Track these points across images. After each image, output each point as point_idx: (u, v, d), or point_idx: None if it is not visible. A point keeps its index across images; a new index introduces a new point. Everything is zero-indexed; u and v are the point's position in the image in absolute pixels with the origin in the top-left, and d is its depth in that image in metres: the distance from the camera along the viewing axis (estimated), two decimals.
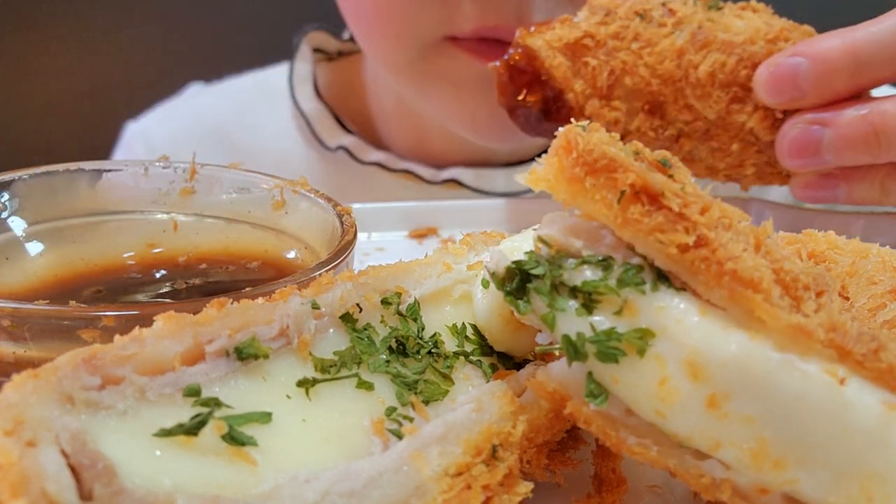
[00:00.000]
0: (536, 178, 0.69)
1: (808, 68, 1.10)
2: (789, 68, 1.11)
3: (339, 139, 1.94)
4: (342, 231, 0.98)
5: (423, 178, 1.89)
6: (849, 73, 1.08)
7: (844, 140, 1.09)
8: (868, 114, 1.08)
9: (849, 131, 1.09)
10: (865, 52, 1.07)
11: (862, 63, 1.07)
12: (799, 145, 1.13)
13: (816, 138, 1.11)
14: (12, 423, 0.53)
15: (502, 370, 0.81)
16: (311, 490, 0.61)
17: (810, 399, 0.61)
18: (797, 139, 1.13)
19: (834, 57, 1.08)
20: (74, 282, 1.00)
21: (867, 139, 1.08)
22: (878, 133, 1.07)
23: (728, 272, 0.63)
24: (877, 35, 1.07)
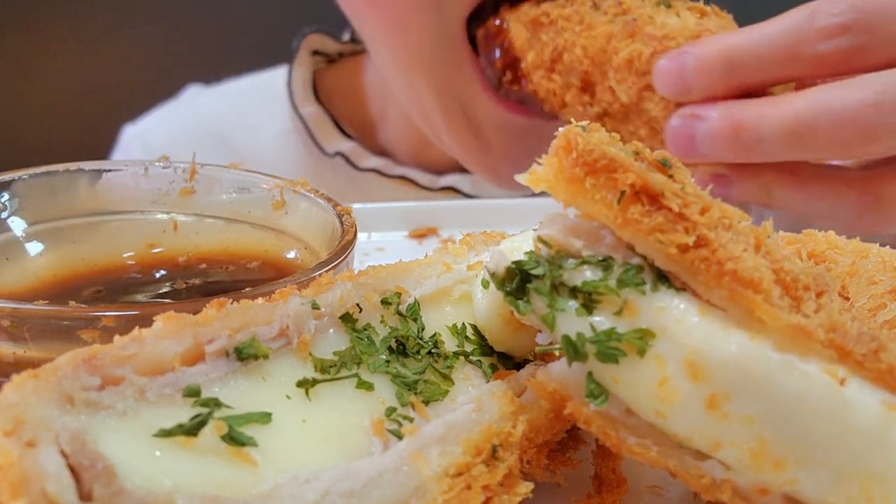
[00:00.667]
0: (536, 178, 0.69)
1: (691, 64, 1.14)
2: (677, 63, 1.15)
3: (338, 145, 1.93)
4: (342, 231, 0.98)
5: (420, 185, 1.89)
6: (723, 73, 1.12)
7: (711, 135, 1.12)
8: (731, 112, 1.11)
9: (714, 126, 1.12)
10: (738, 54, 1.11)
11: (736, 64, 1.11)
12: (676, 136, 1.16)
13: (691, 131, 1.14)
14: (12, 423, 0.53)
15: (502, 370, 0.81)
16: (311, 490, 0.61)
17: (810, 399, 0.61)
18: (674, 129, 1.16)
19: (711, 56, 1.13)
20: (74, 282, 1.00)
21: (728, 137, 1.11)
22: (738, 131, 1.10)
23: (728, 272, 0.63)
24: (749, 40, 1.11)
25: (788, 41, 1.08)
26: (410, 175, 1.89)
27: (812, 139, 1.05)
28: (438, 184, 1.88)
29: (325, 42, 2.05)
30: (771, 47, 1.09)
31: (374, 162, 1.92)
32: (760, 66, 1.10)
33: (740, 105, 1.12)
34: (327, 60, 2.07)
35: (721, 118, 1.12)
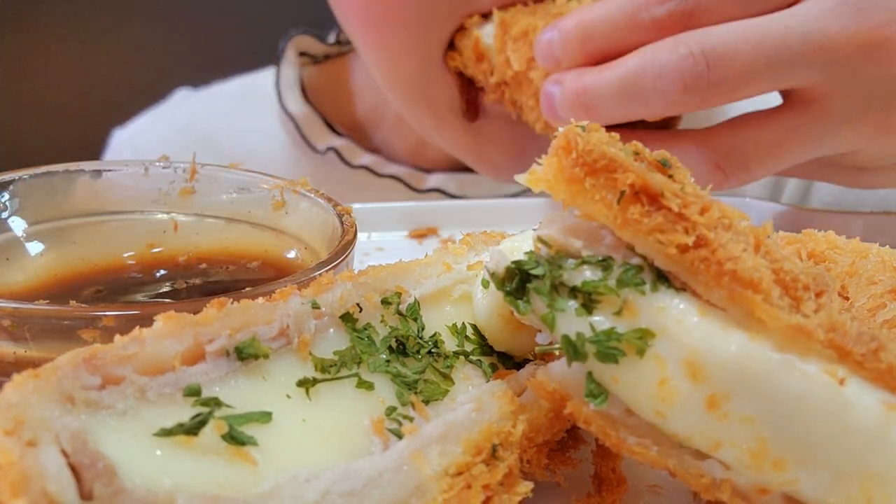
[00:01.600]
0: (536, 178, 0.69)
1: (556, 37, 1.23)
2: (548, 36, 1.24)
3: (329, 141, 1.94)
4: (342, 231, 0.98)
5: (409, 185, 1.89)
6: (579, 43, 1.21)
7: (564, 98, 1.21)
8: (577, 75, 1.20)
9: (565, 90, 1.21)
10: (589, 24, 1.20)
11: (587, 34, 1.20)
12: (544, 101, 1.25)
13: (553, 94, 1.23)
14: (12, 423, 0.53)
15: (502, 370, 0.81)
16: (311, 490, 0.61)
17: (810, 399, 0.61)
18: (543, 95, 1.25)
19: (569, 27, 1.22)
20: (74, 282, 1.00)
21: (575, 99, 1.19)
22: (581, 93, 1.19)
23: (728, 272, 0.63)
24: (599, 12, 1.20)
25: (628, 10, 1.17)
26: (399, 174, 1.90)
27: (640, 93, 1.13)
28: (426, 184, 1.89)
29: (311, 44, 2.05)
30: (615, 16, 1.18)
31: (366, 159, 1.92)
32: (608, 34, 1.19)
33: (586, 69, 1.21)
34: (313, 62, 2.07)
35: (570, 81, 1.21)
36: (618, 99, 1.17)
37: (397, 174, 1.90)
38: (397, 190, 1.90)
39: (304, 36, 2.03)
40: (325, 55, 2.08)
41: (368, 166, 1.91)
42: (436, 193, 1.89)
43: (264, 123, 2.03)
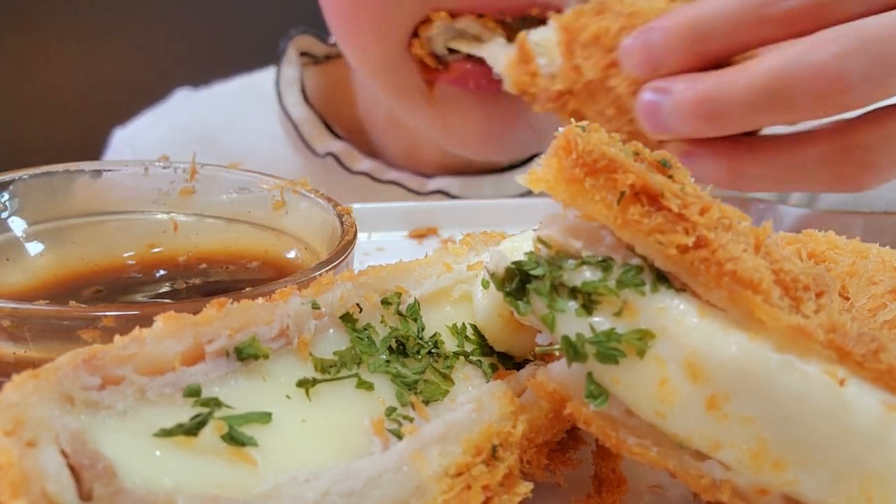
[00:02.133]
0: (536, 178, 0.69)
1: (657, 38, 1.12)
2: (643, 38, 1.14)
3: (328, 145, 1.93)
4: (342, 231, 0.98)
5: (410, 189, 1.89)
6: (691, 43, 1.10)
7: (675, 108, 1.10)
8: (696, 82, 1.09)
9: (678, 99, 1.10)
10: (704, 22, 1.09)
11: (702, 33, 1.09)
12: (644, 111, 1.14)
13: (657, 104, 1.12)
14: (12, 423, 0.53)
15: (502, 370, 0.81)
16: (311, 490, 0.61)
17: (810, 400, 0.61)
18: (643, 105, 1.15)
19: (677, 27, 1.11)
20: (74, 282, 1.00)
21: (692, 109, 1.09)
22: (704, 101, 1.07)
23: (728, 273, 0.63)
24: (715, 6, 1.09)
25: (753, 3, 1.06)
26: (400, 180, 1.90)
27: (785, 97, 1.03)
28: (427, 187, 1.89)
29: (312, 43, 2.05)
30: (736, 12, 1.07)
31: (366, 165, 1.92)
32: (728, 31, 1.08)
33: (705, 74, 1.10)
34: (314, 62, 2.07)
35: (686, 89, 1.10)
36: (754, 105, 1.05)
37: (398, 180, 1.90)
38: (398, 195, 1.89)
39: (305, 36, 2.03)
40: (325, 55, 2.08)
41: (368, 172, 1.91)
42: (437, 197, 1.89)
43: (265, 124, 2.03)
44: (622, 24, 1.19)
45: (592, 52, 1.21)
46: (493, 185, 1.88)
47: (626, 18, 1.19)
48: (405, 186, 1.90)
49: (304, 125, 1.95)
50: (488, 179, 1.89)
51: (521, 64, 1.30)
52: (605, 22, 1.21)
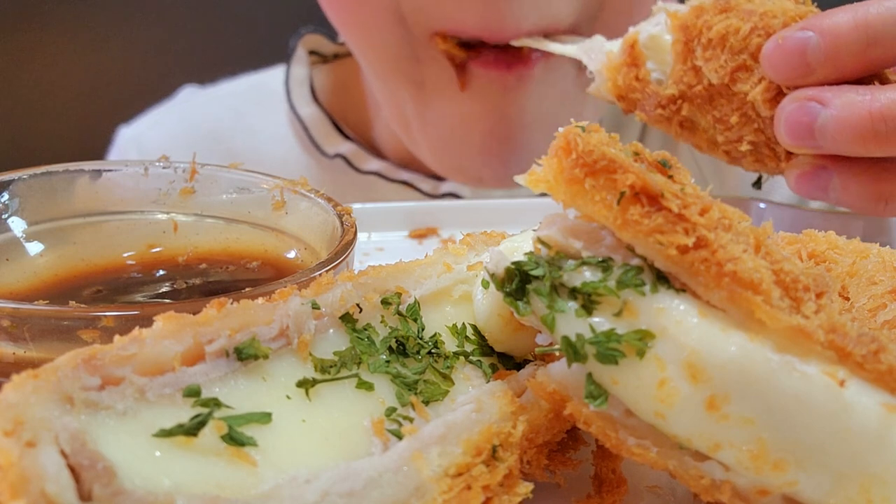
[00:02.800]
0: (536, 179, 0.69)
1: (818, 42, 1.03)
2: (798, 41, 1.05)
3: (337, 146, 1.93)
4: (342, 231, 0.98)
5: (421, 191, 1.89)
6: (859, 49, 1.02)
7: (839, 123, 1.01)
8: (870, 99, 1.00)
9: (845, 114, 1.01)
10: (877, 26, 1.01)
11: (873, 38, 1.01)
12: (794, 121, 1.05)
13: (812, 116, 1.04)
14: (12, 423, 0.53)
15: (502, 370, 0.81)
16: (310, 490, 0.61)
17: (810, 401, 0.60)
18: (793, 114, 1.06)
19: (844, 31, 1.02)
20: (74, 282, 1.00)
21: (863, 127, 1.00)
22: (876, 122, 0.99)
23: (728, 273, 0.63)
24: (890, 9, 1.00)
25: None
26: (412, 181, 1.89)
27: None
28: (440, 189, 1.88)
29: (321, 42, 2.05)
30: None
31: (375, 165, 1.91)
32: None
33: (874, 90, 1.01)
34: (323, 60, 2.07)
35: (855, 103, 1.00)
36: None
37: (409, 180, 1.90)
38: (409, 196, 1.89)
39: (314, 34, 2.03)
40: (334, 54, 2.07)
41: (378, 172, 1.91)
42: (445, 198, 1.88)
43: (273, 123, 2.02)
44: (754, 24, 1.10)
45: (718, 54, 1.12)
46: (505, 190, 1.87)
47: (759, 18, 1.10)
48: (417, 188, 1.89)
49: (314, 125, 1.95)
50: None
51: (629, 67, 1.20)
52: (732, 21, 1.11)
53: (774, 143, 1.14)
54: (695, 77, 1.15)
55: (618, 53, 1.21)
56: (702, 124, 1.19)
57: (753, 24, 1.10)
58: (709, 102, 1.16)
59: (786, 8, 1.12)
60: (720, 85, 1.13)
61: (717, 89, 1.14)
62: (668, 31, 1.17)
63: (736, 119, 1.14)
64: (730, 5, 1.13)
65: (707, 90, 1.15)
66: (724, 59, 1.12)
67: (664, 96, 1.18)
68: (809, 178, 1.10)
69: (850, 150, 1.04)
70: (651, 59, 1.19)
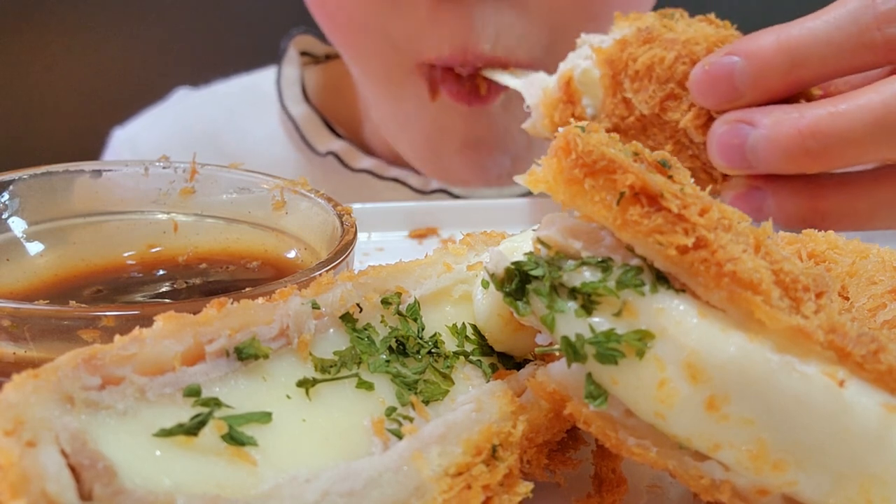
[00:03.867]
0: (535, 179, 0.69)
1: (743, 66, 1.05)
2: (724, 66, 1.07)
3: (329, 144, 1.94)
4: (342, 231, 0.98)
5: (412, 188, 1.90)
6: (785, 70, 1.04)
7: (769, 142, 1.03)
8: (797, 116, 1.02)
9: (774, 133, 1.02)
10: (801, 47, 1.03)
11: (798, 59, 1.03)
12: (725, 144, 1.07)
13: (742, 137, 1.05)
14: (12, 423, 0.53)
15: (502, 370, 0.81)
16: (311, 490, 0.61)
17: (809, 401, 0.61)
18: (724, 136, 1.07)
19: (769, 54, 1.04)
20: (74, 282, 1.00)
21: (793, 144, 1.01)
22: (805, 138, 1.01)
23: (727, 274, 0.63)
24: (812, 30, 1.03)
25: (853, 29, 1.00)
26: (402, 177, 1.90)
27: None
28: (430, 186, 1.89)
29: (312, 43, 2.05)
30: (836, 37, 1.01)
31: (367, 163, 1.92)
32: (826, 58, 1.02)
33: (802, 108, 1.03)
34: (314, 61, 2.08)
35: (783, 122, 1.02)
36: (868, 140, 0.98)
37: (400, 177, 1.90)
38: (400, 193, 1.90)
39: (305, 35, 2.04)
40: (326, 55, 2.08)
41: (370, 170, 1.92)
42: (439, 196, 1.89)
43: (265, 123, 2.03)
44: (678, 52, 1.12)
45: (645, 85, 1.14)
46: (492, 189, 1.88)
47: (682, 46, 1.12)
48: (407, 184, 1.90)
49: (305, 124, 1.96)
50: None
51: (565, 104, 1.21)
52: (656, 51, 1.13)
53: (710, 167, 1.16)
54: (626, 109, 1.16)
55: (554, 89, 1.22)
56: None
57: (677, 53, 1.12)
58: (642, 133, 1.18)
59: (707, 34, 1.14)
60: (651, 115, 1.15)
61: (648, 119, 1.16)
62: (594, 65, 1.18)
63: (670, 147, 1.16)
64: (652, 36, 1.15)
65: (639, 121, 1.16)
66: (652, 90, 1.13)
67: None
68: (744, 198, 1.12)
69: (783, 168, 1.05)
70: (586, 95, 1.20)
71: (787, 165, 1.04)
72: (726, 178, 1.15)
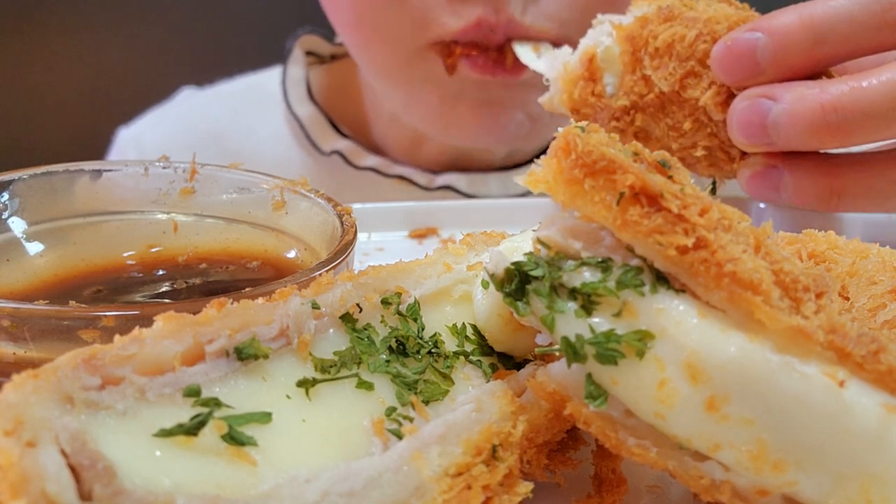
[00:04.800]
0: (535, 179, 0.69)
1: (766, 42, 1.05)
2: (746, 43, 1.07)
3: (334, 143, 1.94)
4: (342, 231, 0.98)
5: (417, 184, 1.89)
6: (807, 47, 1.04)
7: (791, 117, 1.03)
8: (819, 91, 1.02)
9: (797, 107, 1.02)
10: (824, 24, 1.03)
11: (820, 36, 1.03)
12: (746, 119, 1.07)
13: (764, 112, 1.05)
14: (12, 423, 0.53)
15: (502, 370, 0.81)
16: (310, 490, 0.61)
17: (809, 401, 0.61)
18: (745, 112, 1.07)
19: (792, 30, 1.04)
20: (74, 282, 1.00)
21: (815, 118, 1.01)
22: (827, 113, 1.01)
23: (727, 274, 0.63)
24: (835, 7, 1.03)
25: (876, 7, 1.00)
26: (407, 174, 1.90)
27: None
28: (435, 183, 1.89)
29: (318, 43, 2.05)
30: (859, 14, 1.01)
31: (371, 161, 1.92)
32: (847, 36, 1.02)
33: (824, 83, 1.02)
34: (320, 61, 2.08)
35: (805, 97, 1.02)
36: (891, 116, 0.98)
37: (405, 174, 1.90)
38: (405, 190, 1.90)
39: (311, 35, 2.04)
40: (331, 55, 2.08)
41: (374, 167, 1.92)
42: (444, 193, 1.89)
43: (270, 123, 2.03)
44: (699, 31, 1.12)
45: (666, 62, 1.13)
46: (500, 182, 1.88)
47: (703, 24, 1.12)
48: (412, 181, 1.90)
49: (310, 123, 1.96)
50: (495, 177, 1.89)
51: (586, 81, 1.19)
52: (677, 29, 1.13)
53: (728, 145, 1.16)
54: (645, 86, 1.16)
55: (575, 65, 1.21)
56: (655, 133, 1.19)
57: (699, 31, 1.12)
58: (661, 111, 1.17)
59: (728, 13, 1.14)
60: (671, 93, 1.14)
61: (668, 97, 1.16)
62: (615, 42, 1.18)
63: (689, 125, 1.15)
64: (673, 14, 1.15)
65: (658, 98, 1.16)
66: (672, 67, 1.13)
67: (617, 108, 1.18)
68: (761, 177, 1.12)
69: (803, 144, 1.06)
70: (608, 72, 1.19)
71: (808, 140, 1.04)
72: (744, 156, 1.15)
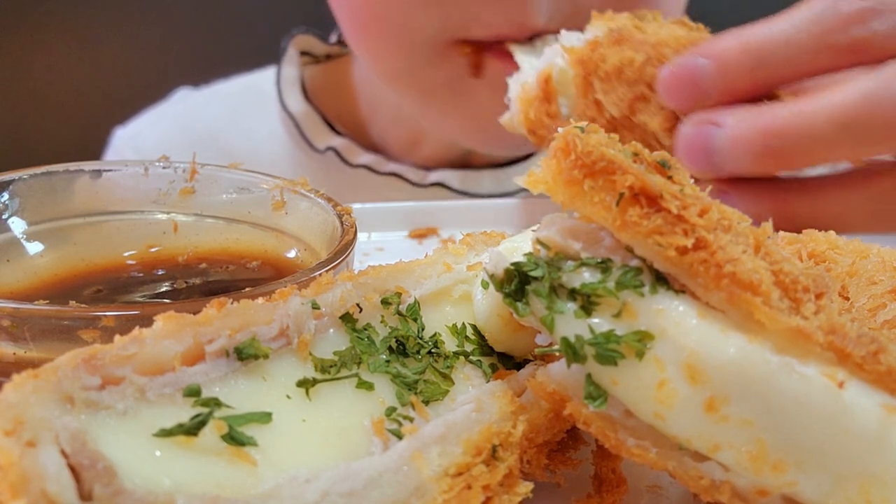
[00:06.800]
0: (535, 180, 0.69)
1: (708, 67, 1.06)
2: (690, 68, 1.07)
3: (328, 140, 1.94)
4: (342, 231, 0.98)
5: (410, 181, 1.90)
6: (748, 71, 1.04)
7: (733, 141, 1.03)
8: (757, 114, 1.02)
9: (738, 132, 1.02)
10: (762, 48, 1.04)
11: (760, 60, 1.04)
12: (691, 145, 1.07)
13: (708, 138, 1.05)
14: (12, 423, 0.53)
15: (502, 370, 0.81)
16: (311, 490, 0.61)
17: (809, 402, 0.61)
18: (690, 137, 1.07)
19: (732, 55, 1.05)
20: (74, 282, 1.00)
21: (756, 143, 1.02)
22: (767, 137, 1.01)
23: (727, 274, 0.63)
24: (774, 31, 1.03)
25: (817, 30, 1.00)
26: (400, 171, 1.91)
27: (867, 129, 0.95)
28: (427, 179, 1.89)
29: (312, 43, 2.06)
30: (800, 38, 1.01)
31: (365, 158, 1.93)
32: (788, 59, 1.03)
33: (765, 108, 1.03)
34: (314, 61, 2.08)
35: (745, 121, 1.02)
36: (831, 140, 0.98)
37: (398, 171, 1.91)
38: (398, 187, 1.90)
39: (305, 35, 2.04)
40: (326, 55, 2.08)
41: (368, 165, 1.92)
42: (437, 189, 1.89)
43: (265, 123, 2.04)
44: (647, 54, 1.12)
45: (615, 86, 1.14)
46: (493, 180, 1.89)
47: (651, 48, 1.12)
48: (405, 178, 1.90)
49: (305, 121, 1.96)
50: (488, 174, 1.90)
51: (541, 102, 1.20)
52: (626, 53, 1.13)
53: None
54: (597, 111, 1.16)
55: (532, 86, 1.21)
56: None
57: (647, 55, 1.12)
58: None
59: (678, 36, 1.14)
60: (621, 117, 1.14)
61: (619, 121, 1.15)
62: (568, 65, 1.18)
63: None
64: (623, 37, 1.15)
65: (610, 123, 1.16)
66: (621, 92, 1.13)
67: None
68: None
69: (747, 169, 1.05)
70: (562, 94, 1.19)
71: (751, 166, 1.04)
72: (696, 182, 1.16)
